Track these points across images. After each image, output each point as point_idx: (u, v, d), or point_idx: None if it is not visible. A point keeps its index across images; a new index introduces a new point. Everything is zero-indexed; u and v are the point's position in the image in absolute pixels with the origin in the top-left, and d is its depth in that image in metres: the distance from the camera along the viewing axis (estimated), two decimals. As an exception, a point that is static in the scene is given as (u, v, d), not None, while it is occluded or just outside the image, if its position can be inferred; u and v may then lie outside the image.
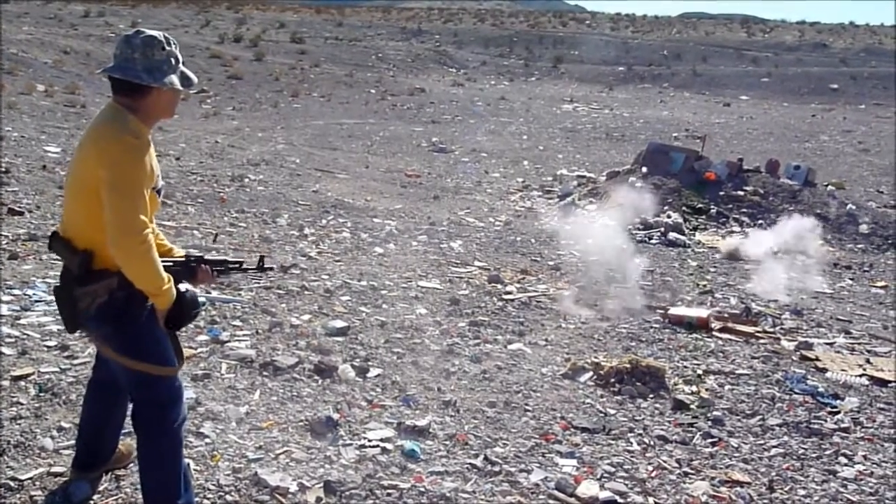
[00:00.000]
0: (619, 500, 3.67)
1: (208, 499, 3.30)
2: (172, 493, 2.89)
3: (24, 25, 28.82)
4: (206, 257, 3.05)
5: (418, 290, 7.00)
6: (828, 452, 4.41)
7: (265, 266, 3.38)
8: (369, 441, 3.98)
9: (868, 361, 6.05)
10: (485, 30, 52.88)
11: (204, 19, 44.80)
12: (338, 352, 5.22)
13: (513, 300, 7.01)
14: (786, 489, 3.93)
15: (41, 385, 4.13)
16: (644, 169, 13.07)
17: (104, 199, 2.56)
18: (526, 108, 27.79)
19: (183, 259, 2.98)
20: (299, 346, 5.25)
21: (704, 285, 8.25)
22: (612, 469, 3.98)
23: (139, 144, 2.63)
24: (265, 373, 4.71)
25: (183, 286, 2.79)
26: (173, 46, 2.72)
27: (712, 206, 12.57)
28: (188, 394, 3.82)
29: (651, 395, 5.00)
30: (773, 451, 4.36)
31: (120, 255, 2.58)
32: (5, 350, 4.53)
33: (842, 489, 3.98)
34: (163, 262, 2.79)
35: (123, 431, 3.40)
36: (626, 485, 3.83)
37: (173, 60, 2.71)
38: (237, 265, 3.23)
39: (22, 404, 3.92)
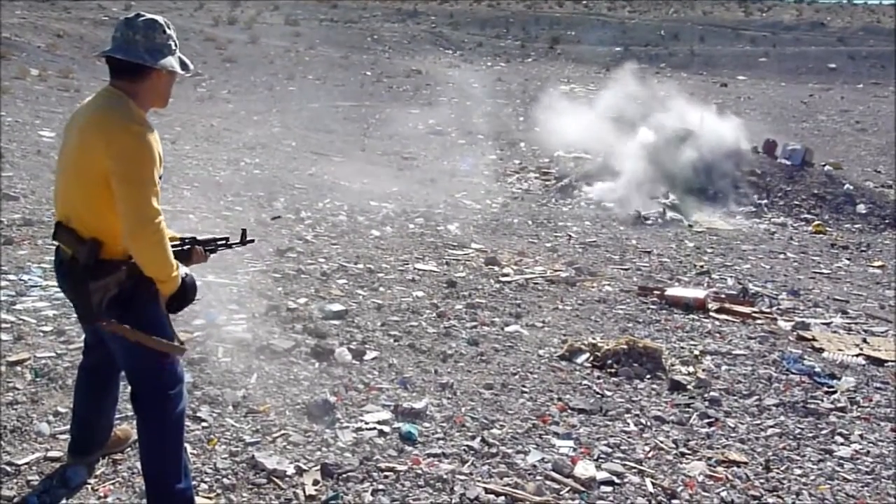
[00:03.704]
0: (616, 481, 3.67)
1: (206, 482, 3.30)
2: (173, 479, 2.89)
3: (17, 9, 28.58)
4: (197, 238, 3.09)
5: (415, 273, 6.99)
6: (824, 432, 4.42)
7: (248, 239, 3.44)
8: (366, 424, 3.98)
9: (865, 341, 6.06)
10: (481, 11, 52.58)
11: (198, 2, 44.47)
12: (334, 335, 5.21)
13: (510, 282, 7.01)
14: (782, 469, 3.95)
15: (37, 370, 4.13)
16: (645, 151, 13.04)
17: (116, 191, 2.52)
18: (522, 89, 27.67)
19: (179, 243, 2.99)
20: (296, 329, 5.24)
21: (702, 266, 8.25)
22: (609, 450, 3.99)
23: (145, 132, 2.59)
24: (262, 356, 4.71)
25: (182, 270, 2.79)
26: (172, 31, 2.70)
27: (709, 187, 12.57)
28: (185, 378, 3.82)
29: (648, 376, 5.00)
30: (770, 431, 4.37)
31: (135, 246, 2.57)
32: (1, 335, 4.52)
33: (838, 468, 4.00)
34: (171, 245, 2.79)
35: (119, 416, 3.40)
36: (623, 465, 3.83)
37: (172, 45, 2.69)
38: (224, 241, 3.28)
39: (18, 389, 3.91)
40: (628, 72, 18.27)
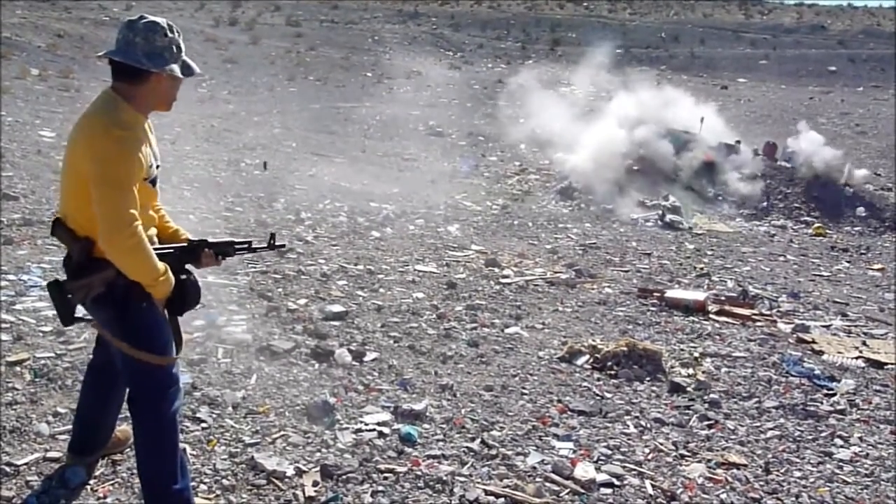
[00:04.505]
0: (616, 483, 3.67)
1: (205, 483, 3.30)
2: (169, 479, 2.89)
3: (18, 9, 28.56)
4: (210, 240, 3.02)
5: (415, 274, 6.99)
6: (824, 434, 4.42)
7: (276, 244, 3.25)
8: (366, 425, 3.98)
9: (864, 344, 6.07)
10: (482, 12, 52.55)
11: (199, 2, 44.46)
12: (334, 336, 5.21)
13: (510, 284, 7.00)
14: (781, 471, 3.95)
15: (37, 370, 4.12)
16: (642, 150, 13.06)
17: (92, 194, 2.54)
18: (523, 91, 27.66)
19: (185, 244, 2.95)
20: (296, 330, 5.24)
21: (702, 268, 8.25)
22: (609, 452, 3.99)
23: (128, 137, 2.58)
24: (262, 357, 4.71)
25: (184, 273, 2.78)
26: (176, 34, 2.68)
27: (710, 189, 12.58)
28: (184, 378, 3.81)
29: (648, 378, 5.00)
30: (770, 434, 4.37)
31: (110, 251, 2.57)
32: (1, 335, 4.52)
33: (837, 471, 4.00)
34: (165, 248, 2.78)
35: (120, 416, 3.40)
36: (623, 467, 3.83)
37: (175, 48, 2.67)
38: (245, 245, 3.13)
39: (17, 389, 3.91)
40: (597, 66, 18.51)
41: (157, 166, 2.79)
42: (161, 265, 2.66)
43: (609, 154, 12.71)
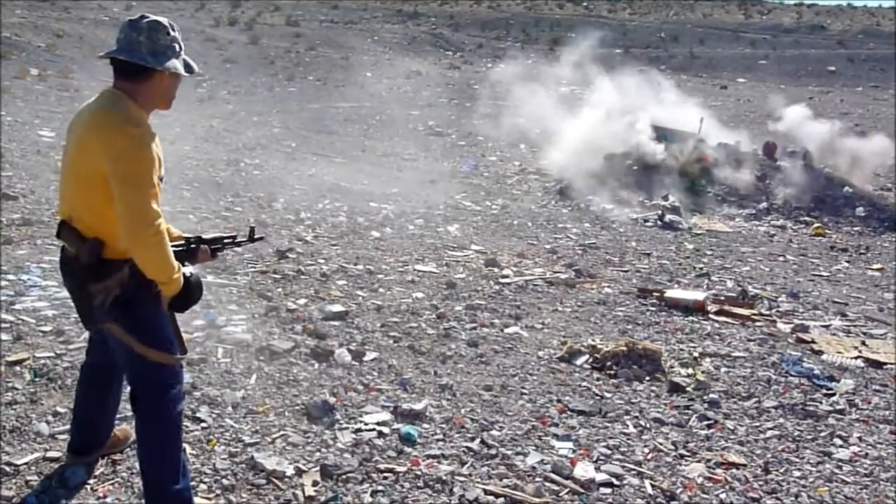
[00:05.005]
0: (615, 483, 3.67)
1: (205, 483, 3.30)
2: (170, 478, 2.89)
3: (17, 9, 28.55)
4: (203, 237, 3.07)
5: (415, 274, 7.00)
6: (823, 434, 4.42)
7: (256, 236, 3.41)
8: (366, 425, 3.98)
9: (864, 344, 6.07)
10: (481, 12, 52.62)
11: (199, 2, 44.48)
12: (334, 336, 5.21)
13: (509, 284, 7.00)
14: (781, 471, 3.95)
15: (36, 370, 4.12)
16: (641, 150, 13.07)
17: (114, 193, 2.52)
18: (522, 90, 27.66)
19: (183, 242, 2.99)
20: (295, 330, 5.24)
21: (701, 268, 8.25)
22: (609, 451, 3.99)
23: (143, 133, 2.59)
24: (261, 357, 4.71)
25: (187, 270, 2.80)
26: (177, 33, 2.70)
27: (709, 189, 12.59)
28: (185, 378, 3.81)
29: (647, 378, 5.00)
30: (769, 433, 4.38)
31: (134, 248, 2.56)
32: (1, 335, 4.52)
33: (836, 470, 4.00)
34: (172, 245, 2.79)
35: (119, 416, 3.40)
36: (623, 467, 3.83)
37: (177, 47, 2.69)
38: (231, 239, 3.26)
39: (17, 389, 3.91)
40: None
41: None
42: (175, 262, 2.67)
43: (600, 152, 12.73)
